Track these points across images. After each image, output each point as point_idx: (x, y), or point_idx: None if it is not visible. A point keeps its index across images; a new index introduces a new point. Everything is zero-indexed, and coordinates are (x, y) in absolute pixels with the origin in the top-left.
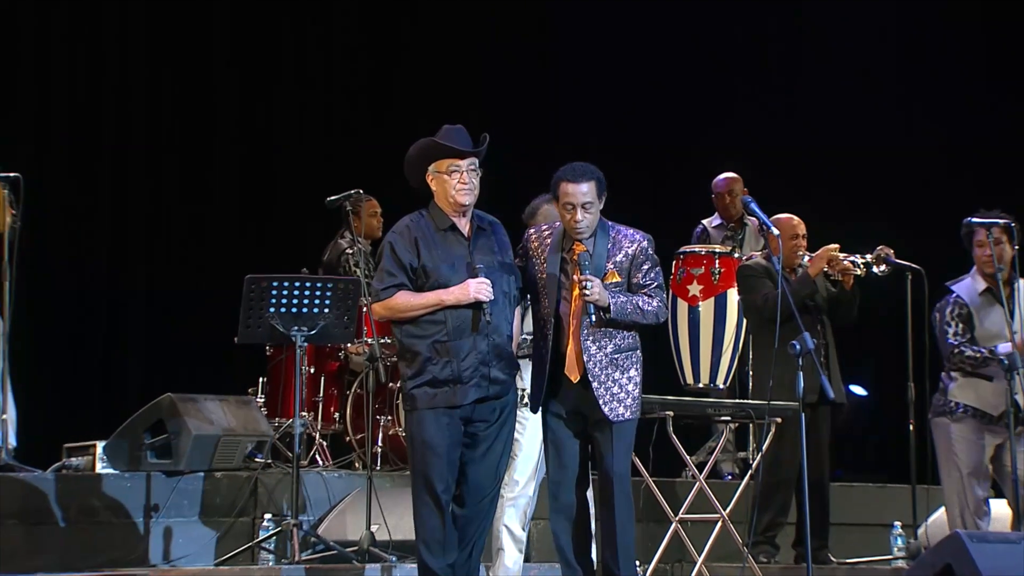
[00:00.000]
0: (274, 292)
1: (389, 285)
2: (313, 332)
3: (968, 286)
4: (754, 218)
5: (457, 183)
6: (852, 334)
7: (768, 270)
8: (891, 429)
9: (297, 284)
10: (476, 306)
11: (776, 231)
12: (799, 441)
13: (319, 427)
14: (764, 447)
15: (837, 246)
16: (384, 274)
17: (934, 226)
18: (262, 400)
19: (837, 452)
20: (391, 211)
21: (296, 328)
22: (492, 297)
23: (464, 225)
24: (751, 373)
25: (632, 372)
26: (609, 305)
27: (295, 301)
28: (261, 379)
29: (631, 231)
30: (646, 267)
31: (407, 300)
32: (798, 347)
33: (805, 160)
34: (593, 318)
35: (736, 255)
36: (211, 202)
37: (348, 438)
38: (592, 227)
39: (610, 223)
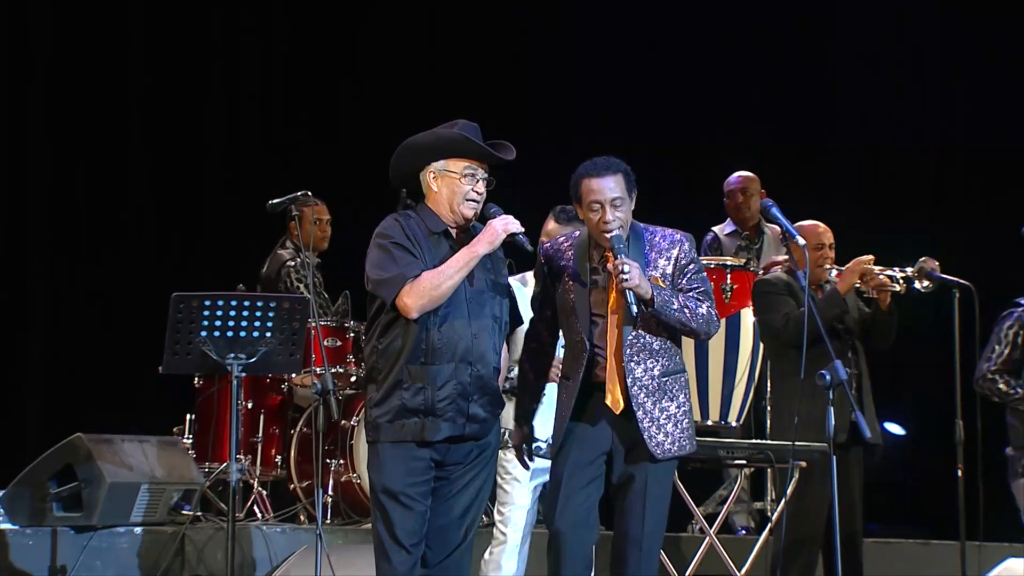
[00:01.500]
0: (206, 313)
1: (411, 267)
2: (252, 360)
3: None
4: (774, 225)
5: (471, 191)
6: (889, 362)
7: (790, 286)
8: (935, 475)
9: (233, 303)
10: (466, 319)
11: (801, 240)
12: (827, 489)
13: (258, 473)
14: (786, 496)
15: (871, 258)
16: (398, 261)
17: (986, 235)
18: (190, 441)
19: (871, 502)
20: (344, 223)
21: (232, 355)
22: (521, 228)
23: (459, 236)
24: (769, 408)
25: (682, 398)
26: (652, 296)
27: (231, 323)
28: (189, 416)
29: (668, 231)
30: (691, 270)
31: (436, 273)
32: (828, 377)
33: (832, 160)
34: (635, 309)
35: (752, 268)
36: (128, 209)
37: (293, 486)
38: (625, 228)
39: (643, 225)
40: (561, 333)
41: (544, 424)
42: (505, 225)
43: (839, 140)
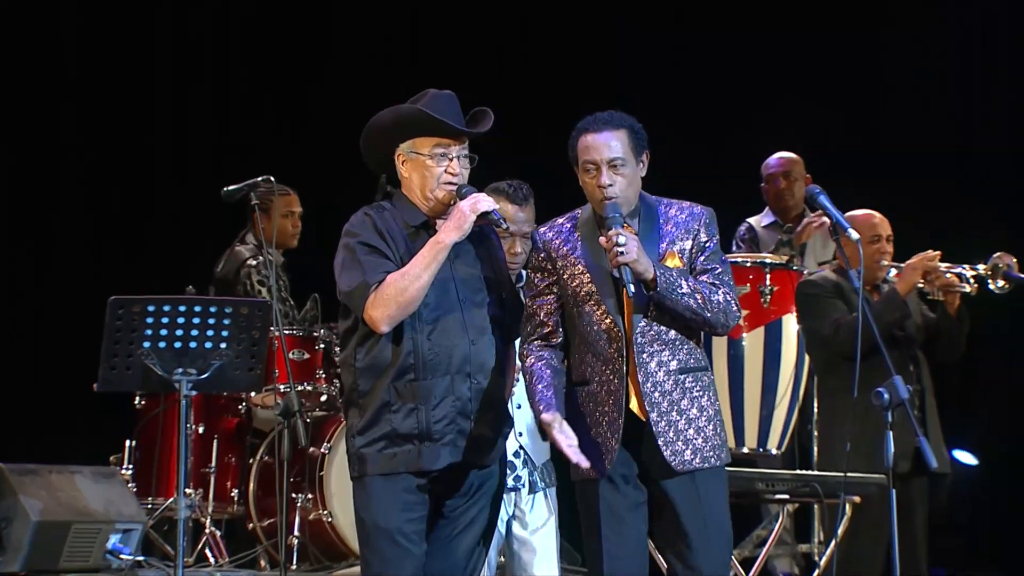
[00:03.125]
0: (149, 320)
1: (375, 271)
2: (204, 376)
3: None
4: (821, 216)
5: (444, 172)
6: (958, 376)
7: (840, 287)
8: (1013, 511)
9: (182, 308)
10: (462, 325)
11: (855, 233)
12: (885, 529)
13: (211, 510)
14: (836, 537)
15: (937, 254)
16: (362, 267)
17: None
18: (130, 472)
19: (938, 544)
20: (312, 215)
21: (180, 370)
22: (495, 204)
23: (441, 223)
24: (816, 433)
25: (705, 401)
26: (655, 275)
27: (179, 332)
28: (129, 443)
29: (686, 204)
30: (709, 248)
31: (400, 276)
32: (886, 396)
33: (891, 144)
34: (632, 289)
35: (795, 267)
36: (59, 201)
37: (252, 525)
38: (626, 195)
39: (656, 197)
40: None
41: (536, 447)
42: (473, 204)
43: (898, 116)
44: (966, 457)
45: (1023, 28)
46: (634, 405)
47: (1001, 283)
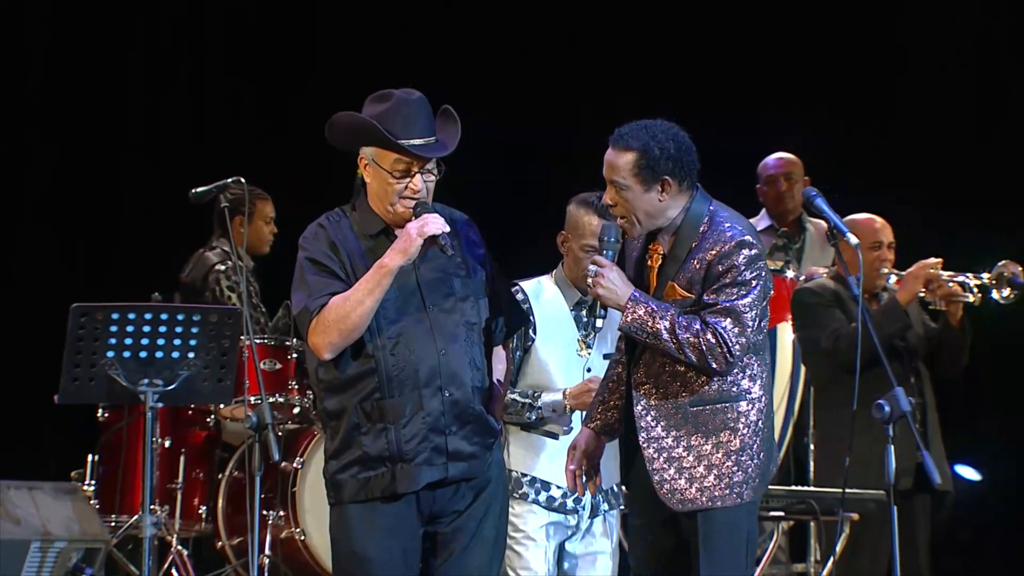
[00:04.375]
0: (114, 328)
1: (317, 295)
2: (171, 387)
3: None
4: (819, 220)
5: (404, 190)
6: (961, 389)
7: (839, 296)
8: (1017, 528)
9: (148, 316)
10: (429, 335)
11: (854, 238)
12: (886, 547)
13: (178, 528)
14: (834, 556)
15: (939, 262)
16: (309, 289)
17: None
18: (93, 488)
19: (941, 563)
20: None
21: (146, 381)
22: (446, 227)
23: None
24: (813, 447)
25: (726, 435)
26: (626, 309)
27: (144, 341)
28: (92, 457)
29: (727, 224)
30: (723, 281)
31: (342, 301)
32: (887, 409)
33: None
34: (599, 323)
35: (791, 273)
36: (23, 206)
37: (220, 543)
38: (632, 218)
39: (712, 215)
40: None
41: (558, 469)
42: (420, 227)
43: (902, 117)
44: (969, 472)
45: None
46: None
47: (1007, 292)
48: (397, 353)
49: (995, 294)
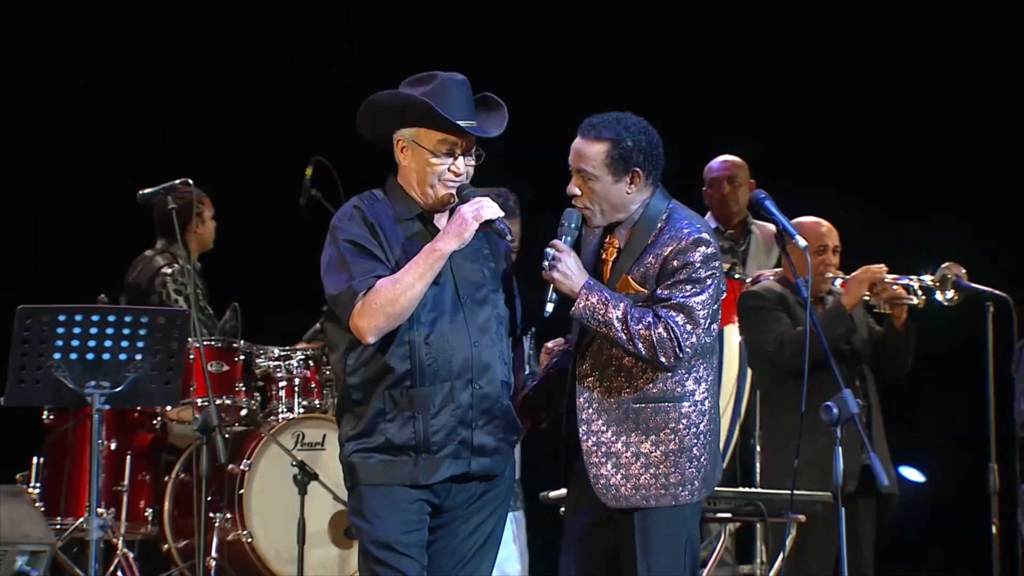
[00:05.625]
0: (60, 330)
1: (363, 276)
2: (118, 389)
3: None
4: (764, 223)
5: (446, 171)
6: (905, 391)
7: (784, 299)
8: (963, 531)
9: (95, 318)
10: (464, 326)
11: (802, 241)
12: (831, 548)
13: (124, 530)
14: (782, 557)
15: (883, 267)
16: (349, 269)
17: None
18: (38, 491)
19: (886, 564)
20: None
21: (92, 383)
22: (500, 212)
23: (440, 219)
24: (760, 449)
25: (666, 434)
26: (579, 296)
27: (91, 343)
28: (37, 459)
29: (684, 222)
30: (677, 277)
31: (391, 283)
32: (835, 411)
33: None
34: (548, 308)
35: (737, 276)
36: None
37: (167, 546)
38: (595, 208)
39: (670, 213)
40: None
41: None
42: (476, 212)
43: (847, 119)
44: (913, 474)
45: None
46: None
47: (950, 294)
48: (431, 343)
49: (939, 296)
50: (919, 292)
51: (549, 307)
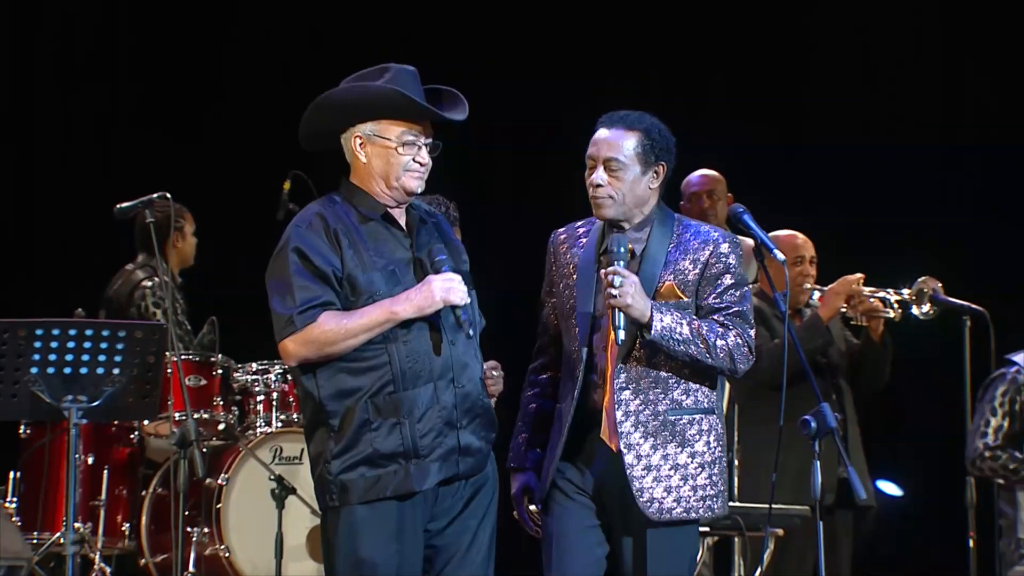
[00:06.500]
0: (37, 344)
1: (307, 305)
2: (95, 404)
3: None
4: (742, 236)
5: (411, 161)
6: (882, 405)
7: (761, 312)
8: (941, 544)
9: (72, 332)
10: (439, 323)
11: (780, 254)
12: (809, 562)
13: (101, 545)
14: (760, 571)
15: (861, 277)
16: (295, 291)
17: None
18: (15, 505)
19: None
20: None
21: (69, 397)
22: (467, 298)
23: (400, 215)
24: (738, 463)
25: (700, 446)
26: (651, 320)
27: (68, 358)
28: (13, 474)
29: (706, 228)
30: (724, 283)
31: (339, 325)
32: (813, 424)
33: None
34: (621, 335)
35: None
36: None
37: (144, 561)
38: (620, 199)
39: (678, 216)
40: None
41: None
42: (446, 294)
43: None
44: (891, 488)
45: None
46: (605, 435)
47: (927, 308)
48: (410, 344)
49: (915, 310)
50: (896, 305)
51: (621, 334)
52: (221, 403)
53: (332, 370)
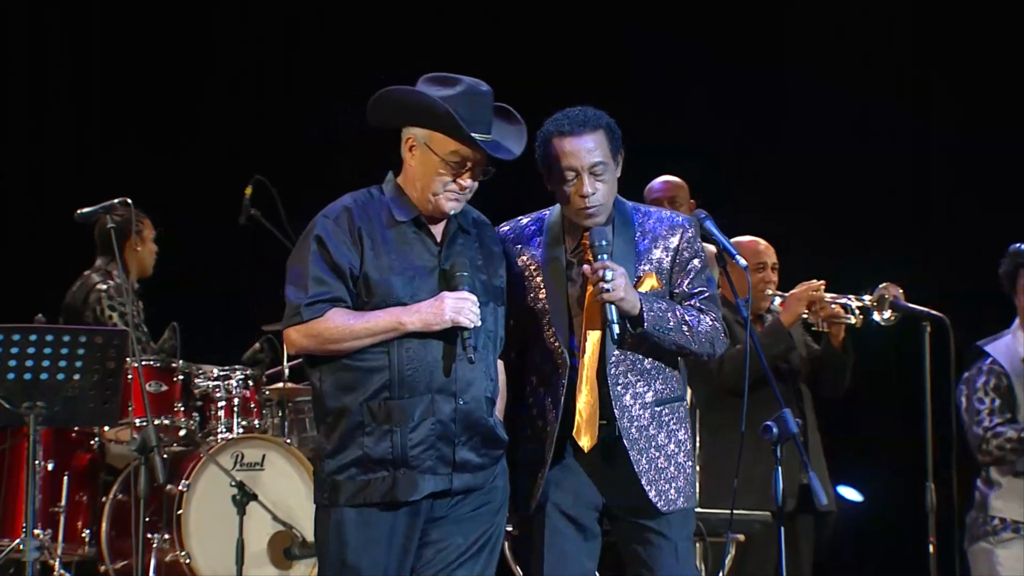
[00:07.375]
0: None
1: (317, 299)
2: (54, 409)
3: (1008, 347)
4: (706, 243)
5: (452, 182)
6: (843, 410)
7: (725, 318)
8: (901, 550)
9: (32, 338)
10: (449, 337)
11: (743, 260)
12: (769, 567)
13: (60, 551)
14: (724, 570)
15: (822, 284)
16: (308, 282)
17: (966, 259)
18: None
19: None
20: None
21: (28, 403)
22: (477, 322)
23: (437, 226)
24: (699, 468)
25: (682, 435)
26: (642, 312)
27: (28, 363)
28: None
29: (666, 213)
30: (695, 267)
31: (344, 324)
32: (775, 430)
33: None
34: (616, 329)
35: None
36: None
37: (104, 567)
38: (607, 203)
39: (633, 204)
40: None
41: None
42: (456, 315)
43: (786, 139)
44: (851, 494)
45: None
46: (578, 432)
47: (888, 314)
48: (412, 353)
49: (876, 316)
50: (857, 311)
51: (616, 329)
52: (182, 409)
53: (334, 365)
